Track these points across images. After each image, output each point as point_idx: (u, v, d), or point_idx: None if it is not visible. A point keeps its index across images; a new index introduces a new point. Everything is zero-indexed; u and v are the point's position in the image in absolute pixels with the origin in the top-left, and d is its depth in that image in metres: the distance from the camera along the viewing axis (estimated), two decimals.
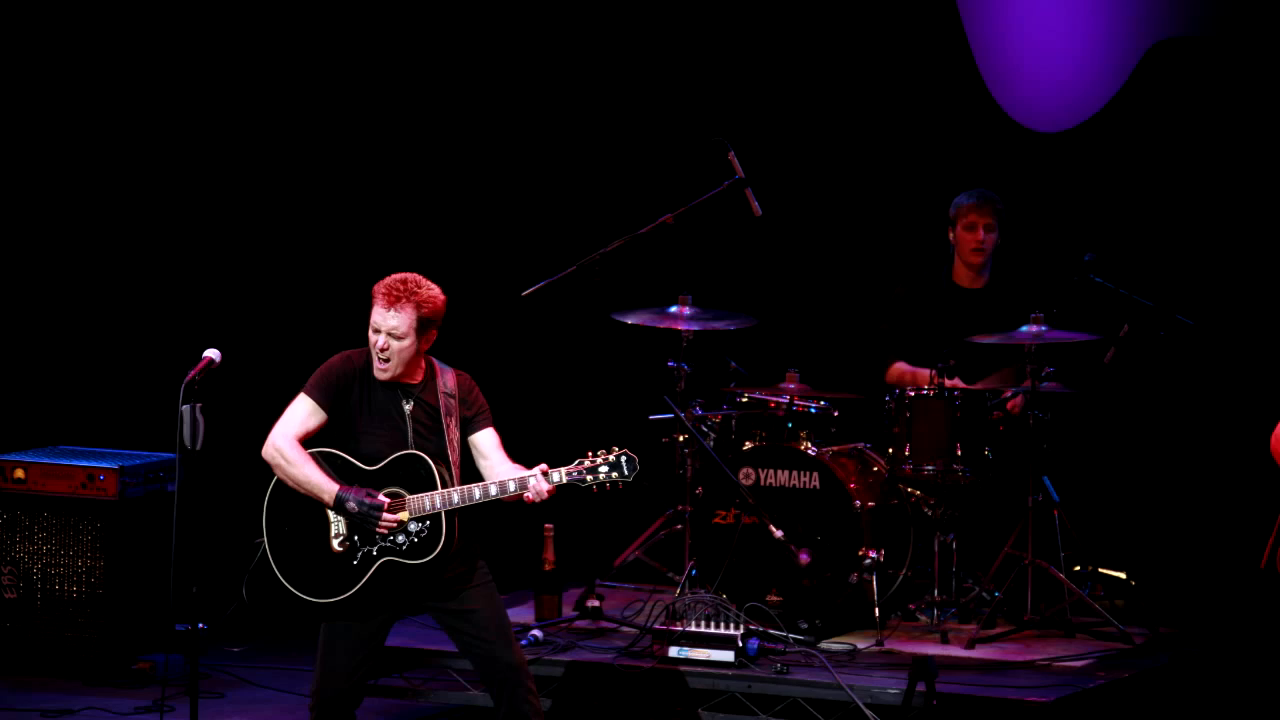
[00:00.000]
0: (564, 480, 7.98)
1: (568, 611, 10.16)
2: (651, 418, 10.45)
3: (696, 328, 10.30)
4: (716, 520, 10.27)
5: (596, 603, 10.15)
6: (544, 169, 11.95)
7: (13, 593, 10.48)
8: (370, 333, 8.00)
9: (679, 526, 10.33)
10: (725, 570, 10.16)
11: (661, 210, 10.39)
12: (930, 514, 10.45)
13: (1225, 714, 9.04)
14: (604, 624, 10.07)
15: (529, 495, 7.96)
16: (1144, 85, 11.15)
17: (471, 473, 8.07)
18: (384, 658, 8.40)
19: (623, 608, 10.23)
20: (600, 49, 11.92)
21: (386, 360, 7.98)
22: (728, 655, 9.52)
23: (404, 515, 7.85)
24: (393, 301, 7.96)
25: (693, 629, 9.66)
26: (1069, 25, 11.34)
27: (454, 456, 8.08)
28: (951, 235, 10.71)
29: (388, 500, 7.87)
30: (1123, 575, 10.62)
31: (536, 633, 9.92)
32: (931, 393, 10.32)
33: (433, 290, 8.08)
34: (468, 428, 8.17)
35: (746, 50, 11.71)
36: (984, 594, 10.39)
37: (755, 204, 10.36)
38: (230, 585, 8.47)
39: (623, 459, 7.96)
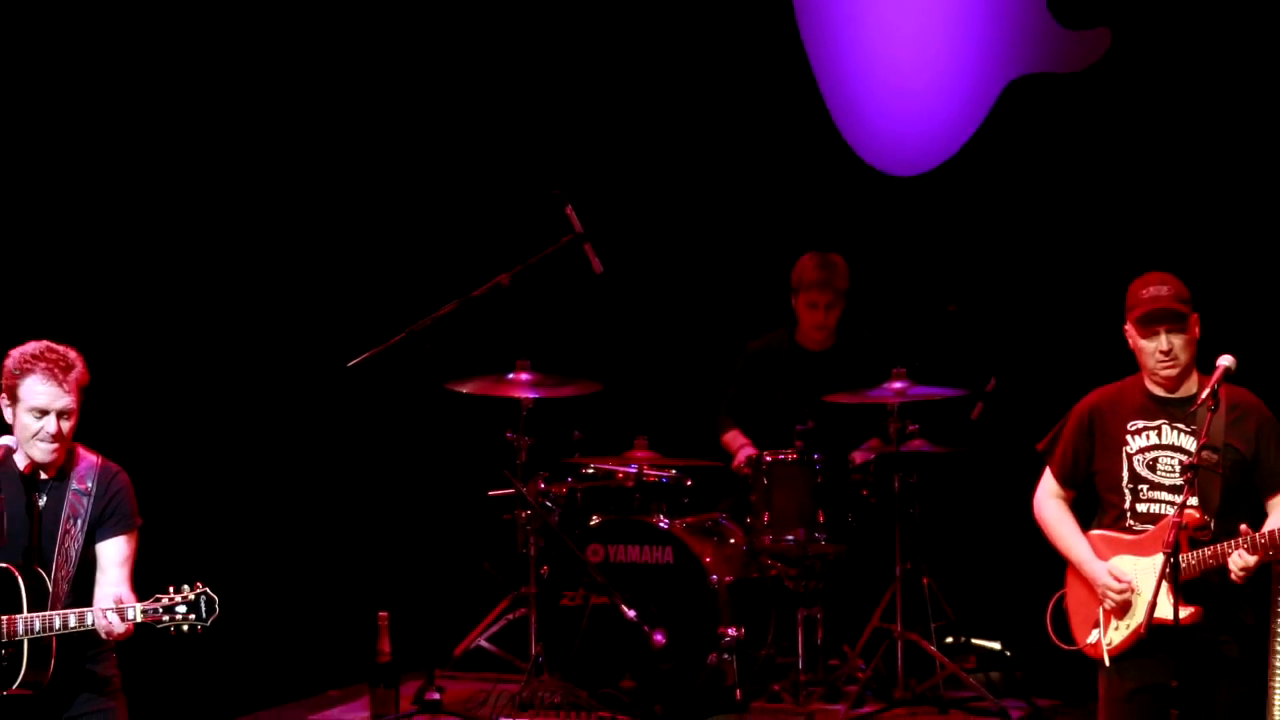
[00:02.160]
0: (140, 619, 7.29)
1: (406, 706, 10.13)
2: (491, 494, 10.51)
3: (537, 395, 10.34)
4: (564, 602, 10.29)
5: (436, 695, 10.11)
6: (370, 229, 11.92)
7: None
8: (27, 416, 7.51)
9: (524, 610, 10.34)
10: (575, 655, 10.17)
11: (496, 271, 10.39)
12: (793, 587, 10.52)
13: None
14: (445, 718, 10.04)
15: (101, 630, 7.34)
16: (1001, 124, 11.27)
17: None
18: None
19: (465, 700, 10.22)
20: (427, 96, 11.94)
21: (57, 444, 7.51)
22: None
23: None
24: (60, 377, 7.47)
25: None
26: (922, 66, 11.46)
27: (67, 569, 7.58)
28: (794, 302, 10.84)
29: None
30: (997, 646, 10.70)
31: None
32: (792, 458, 10.39)
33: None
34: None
35: (584, 99, 11.77)
36: (852, 671, 10.43)
37: (596, 260, 10.39)
38: None
39: (202, 599, 7.34)
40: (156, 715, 9.21)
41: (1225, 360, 7.83)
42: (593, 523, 10.48)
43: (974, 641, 10.73)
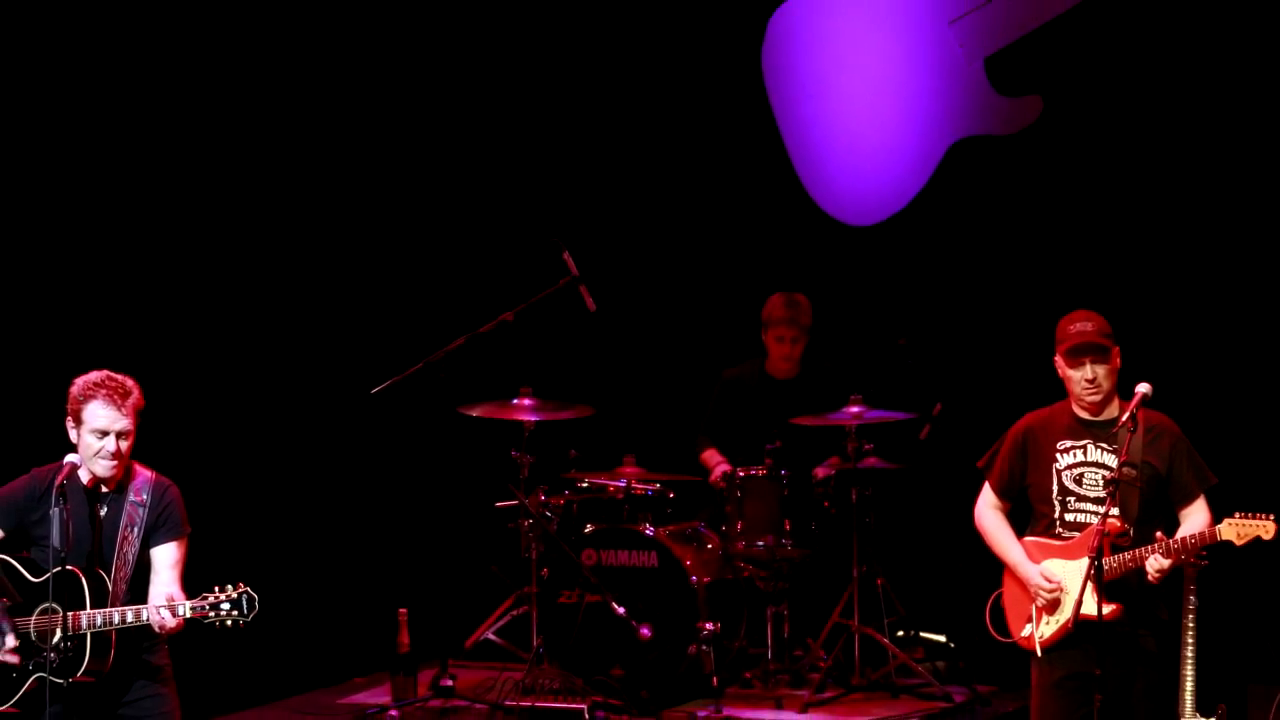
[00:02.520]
0: (189, 614, 7.29)
1: (423, 691, 10.11)
2: (498, 505, 10.46)
3: (538, 418, 10.32)
4: (561, 600, 10.27)
5: (450, 682, 10.12)
6: (391, 274, 11.91)
7: None
8: (89, 436, 7.46)
9: (526, 607, 10.32)
10: (571, 647, 10.15)
11: (502, 308, 10.41)
12: (763, 587, 10.50)
13: None
14: (457, 702, 10.04)
15: (155, 625, 7.34)
16: (946, 180, 11.27)
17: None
18: None
19: (475, 686, 10.20)
20: (437, 150, 11.92)
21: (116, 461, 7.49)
22: None
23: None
24: (119, 402, 7.46)
25: (542, 704, 9.66)
26: (875, 125, 11.45)
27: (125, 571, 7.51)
28: (764, 336, 10.86)
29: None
30: (943, 638, 10.70)
31: (393, 713, 9.86)
32: (762, 473, 10.40)
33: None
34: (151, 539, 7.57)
35: (582, 158, 11.74)
36: (814, 660, 10.42)
37: (589, 299, 10.41)
38: None
39: (243, 598, 7.26)
40: (202, 699, 9.24)
41: (1143, 387, 7.85)
42: (587, 530, 10.47)
43: (922, 635, 10.72)
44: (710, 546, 10.49)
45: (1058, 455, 8.02)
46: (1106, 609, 7.70)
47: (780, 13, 11.54)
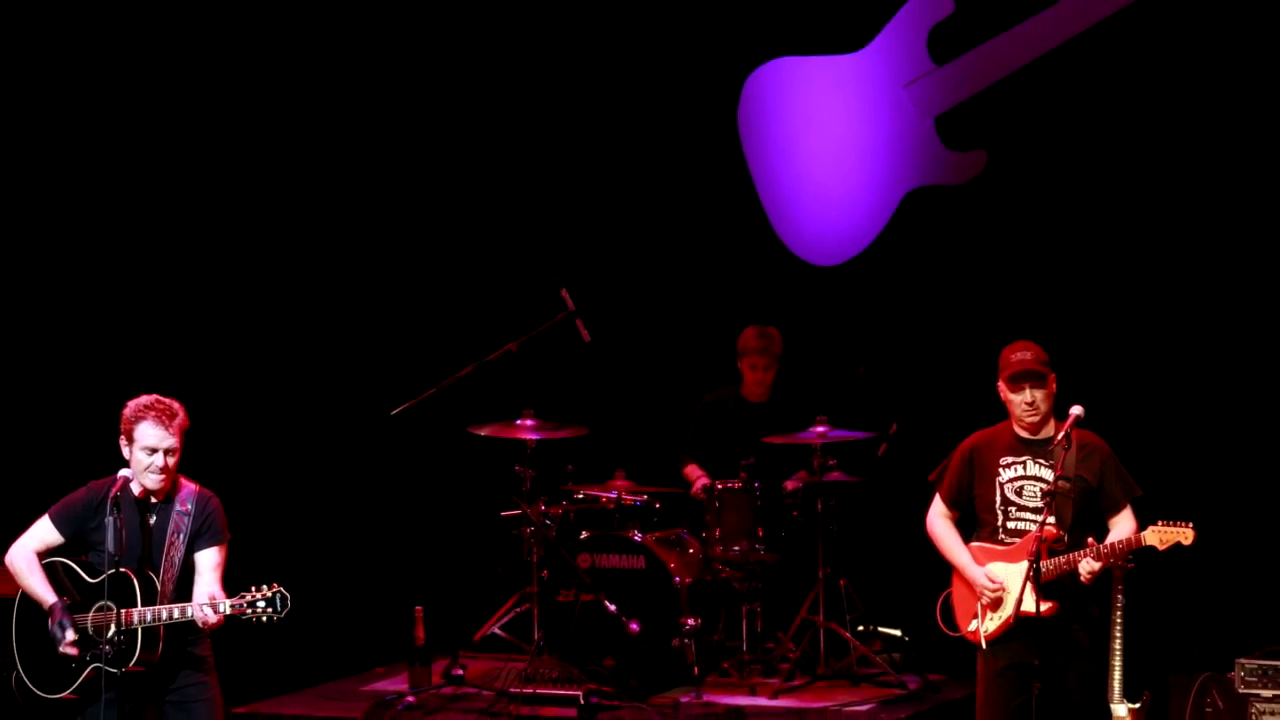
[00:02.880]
0: (229, 611, 7.28)
1: (436, 680, 10.09)
2: (503, 514, 10.43)
3: (538, 437, 10.29)
4: (560, 598, 10.26)
5: (460, 671, 10.10)
6: (409, 308, 11.89)
7: None
8: (140, 453, 7.45)
9: (528, 605, 10.29)
10: (568, 640, 10.14)
11: (507, 339, 10.42)
12: (738, 587, 10.49)
13: None
14: (467, 690, 10.02)
15: (198, 620, 7.34)
16: (901, 225, 11.28)
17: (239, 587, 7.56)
18: None
19: (482, 675, 10.18)
20: (454, 205, 11.92)
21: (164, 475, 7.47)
22: (572, 712, 9.51)
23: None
24: (167, 423, 7.44)
25: (542, 691, 9.64)
26: (839, 176, 11.45)
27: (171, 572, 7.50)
28: (740, 364, 10.85)
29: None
30: (898, 632, 10.69)
31: (410, 699, 9.84)
32: (737, 486, 10.39)
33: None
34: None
35: (578, 204, 11.74)
36: (784, 652, 10.41)
37: (585, 332, 10.43)
38: None
39: (277, 597, 7.25)
40: (240, 686, 9.23)
41: (1076, 409, 7.87)
42: (582, 537, 10.46)
43: (880, 629, 10.69)
44: (692, 551, 10.48)
45: (1000, 470, 8.03)
46: (1044, 606, 7.70)
47: (754, 76, 11.55)
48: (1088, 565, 7.80)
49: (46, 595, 7.51)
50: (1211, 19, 10.54)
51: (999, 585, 7.93)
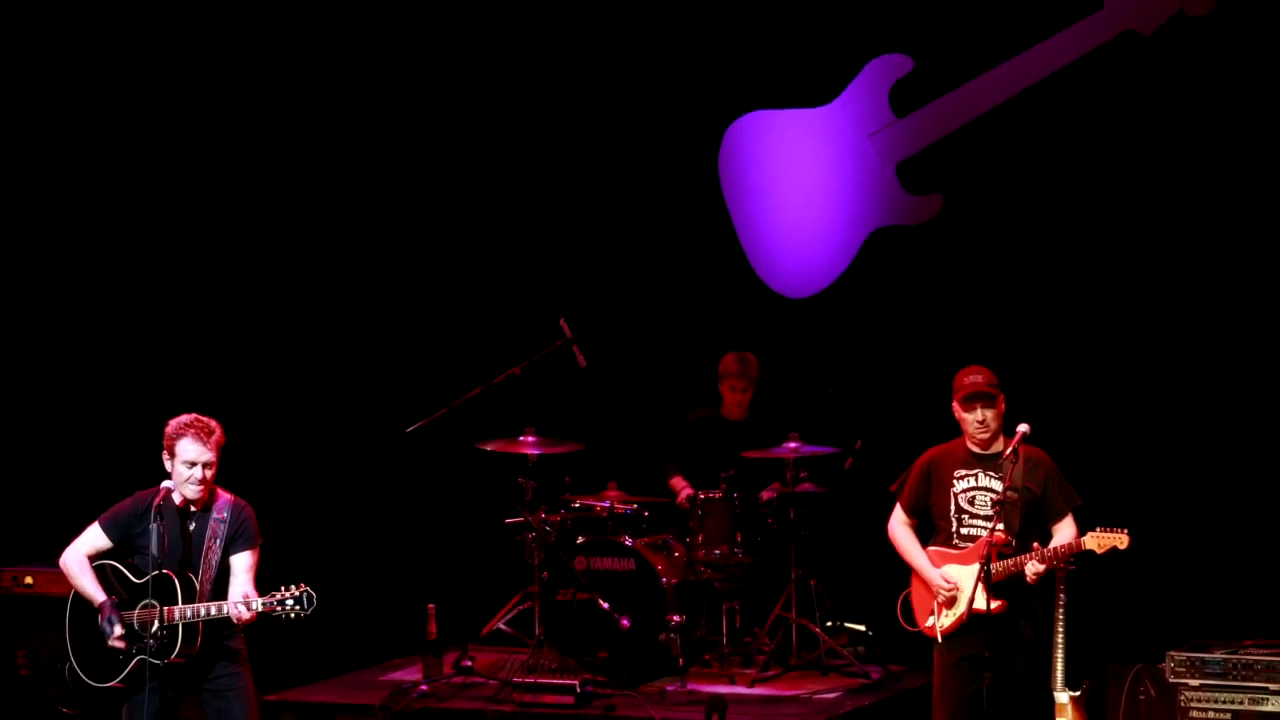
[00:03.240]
0: (260, 608, 7.31)
1: (448, 670, 10.09)
2: (507, 521, 10.41)
3: (539, 451, 10.29)
4: (558, 597, 10.25)
5: (469, 663, 10.09)
6: (425, 337, 11.87)
7: (26, 670, 10.30)
8: (181, 466, 7.46)
9: (530, 603, 10.28)
10: (566, 634, 10.13)
11: (510, 364, 10.43)
12: (719, 586, 10.48)
13: None
14: (475, 679, 10.01)
15: (233, 617, 7.36)
16: (865, 261, 11.29)
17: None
18: None
19: (489, 666, 10.18)
20: (466, 245, 11.92)
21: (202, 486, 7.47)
22: (569, 699, 9.49)
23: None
24: (205, 439, 7.46)
25: (543, 680, 9.64)
26: (809, 217, 11.43)
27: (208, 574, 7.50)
28: (720, 386, 10.85)
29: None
30: (863, 628, 10.68)
31: (424, 688, 9.83)
32: (718, 496, 10.40)
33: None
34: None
35: (575, 242, 11.73)
36: (760, 645, 10.41)
37: (581, 357, 10.45)
38: None
39: (304, 595, 7.27)
40: (271, 676, 9.21)
41: (1023, 427, 7.90)
42: (579, 541, 10.45)
43: (846, 625, 10.68)
44: (677, 554, 10.48)
45: (955, 481, 8.06)
46: (994, 604, 7.72)
47: (733, 127, 11.55)
48: (1033, 567, 7.83)
49: (97, 594, 7.51)
50: (1142, 75, 10.58)
51: (953, 585, 7.95)
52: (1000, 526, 7.82)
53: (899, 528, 8.21)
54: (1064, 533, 7.99)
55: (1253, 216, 10.46)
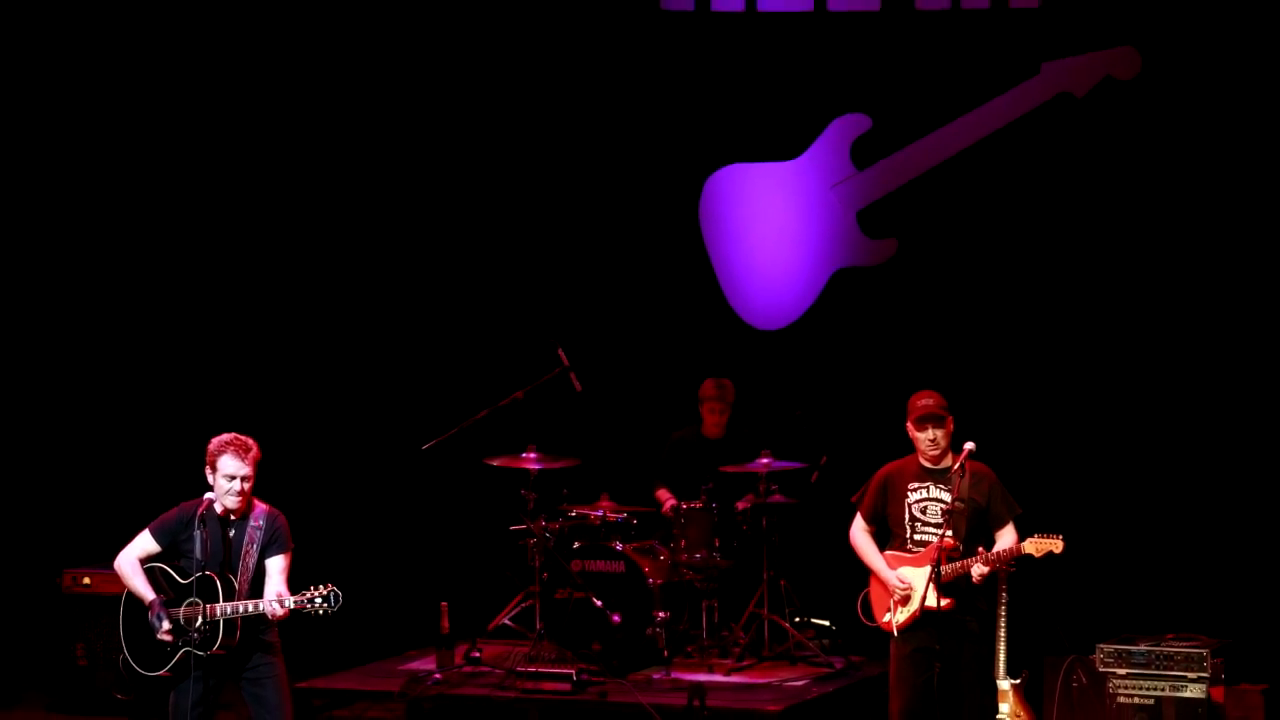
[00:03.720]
0: (293, 606, 7.33)
1: (458, 660, 10.06)
2: (511, 528, 10.40)
3: (540, 466, 10.28)
4: (557, 596, 10.23)
5: (478, 654, 10.07)
6: (441, 366, 11.85)
7: (84, 661, 10.28)
8: (221, 480, 7.46)
9: (531, 601, 10.26)
10: (563, 629, 10.11)
11: (514, 389, 10.44)
12: (700, 587, 10.46)
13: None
14: (483, 669, 9.99)
15: (268, 613, 7.37)
16: (829, 298, 11.30)
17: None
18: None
19: (495, 657, 10.16)
20: (465, 285, 11.92)
21: (240, 498, 7.47)
22: (566, 686, 9.48)
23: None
24: (243, 455, 7.47)
25: (542, 669, 9.62)
26: (780, 258, 11.43)
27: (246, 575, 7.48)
28: (700, 409, 10.84)
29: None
30: (827, 623, 10.67)
31: (437, 676, 9.81)
32: (699, 506, 10.38)
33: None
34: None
35: (573, 279, 11.71)
36: (736, 639, 10.39)
37: (577, 383, 10.46)
38: None
39: (332, 594, 7.30)
40: (301, 665, 9.18)
41: (969, 445, 7.93)
42: (575, 546, 10.43)
43: (812, 620, 10.68)
44: (662, 558, 10.46)
45: (908, 493, 8.08)
46: (943, 602, 7.74)
47: (712, 179, 11.55)
48: (978, 569, 7.85)
49: (147, 593, 7.52)
50: (1076, 132, 10.64)
51: (907, 585, 7.97)
52: (949, 533, 7.84)
53: (859, 534, 8.23)
54: (1005, 539, 8.01)
55: (1170, 259, 10.51)
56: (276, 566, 7.54)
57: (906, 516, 8.06)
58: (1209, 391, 10.42)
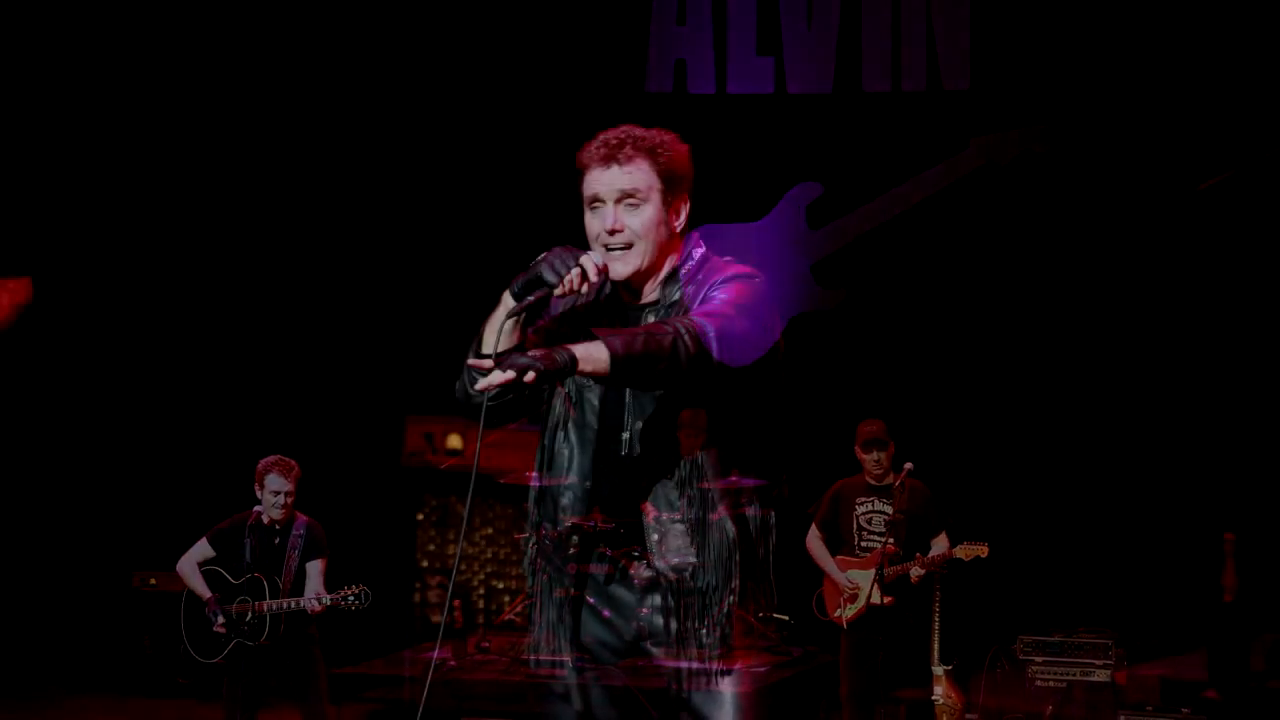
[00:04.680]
0: (329, 603, 7.36)
1: (470, 650, 10.05)
2: (516, 536, 10.38)
3: (540, 484, 10.23)
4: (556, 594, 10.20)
5: (487, 644, 10.06)
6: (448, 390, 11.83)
7: (150, 650, 10.28)
8: (267, 494, 7.43)
9: (534, 599, 10.23)
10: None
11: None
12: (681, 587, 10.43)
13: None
14: (491, 658, 9.98)
15: (308, 609, 7.37)
16: (787, 339, 11.28)
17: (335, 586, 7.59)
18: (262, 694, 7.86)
19: (501, 648, 10.15)
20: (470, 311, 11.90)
21: (284, 510, 7.59)
22: (563, 672, 9.46)
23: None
24: (287, 474, 7.61)
25: (543, 659, 9.61)
26: None
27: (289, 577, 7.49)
28: (679, 435, 10.80)
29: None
30: (787, 617, 10.66)
31: (452, 663, 9.80)
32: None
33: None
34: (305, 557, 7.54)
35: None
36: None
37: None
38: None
39: (362, 593, 7.34)
40: (334, 652, 9.16)
41: (908, 465, 7.99)
42: (570, 552, 10.41)
43: (774, 615, 10.66)
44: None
45: (857, 505, 8.13)
46: (886, 599, 7.79)
47: (689, 237, 11.57)
48: (916, 571, 7.90)
49: (204, 592, 7.55)
50: (999, 196, 10.74)
51: (855, 585, 8.02)
52: (891, 540, 7.89)
53: (814, 541, 8.27)
54: (940, 545, 8.07)
55: (1075, 304, 10.62)
56: (315, 569, 7.57)
57: (855, 526, 8.11)
58: (1111, 424, 10.51)
